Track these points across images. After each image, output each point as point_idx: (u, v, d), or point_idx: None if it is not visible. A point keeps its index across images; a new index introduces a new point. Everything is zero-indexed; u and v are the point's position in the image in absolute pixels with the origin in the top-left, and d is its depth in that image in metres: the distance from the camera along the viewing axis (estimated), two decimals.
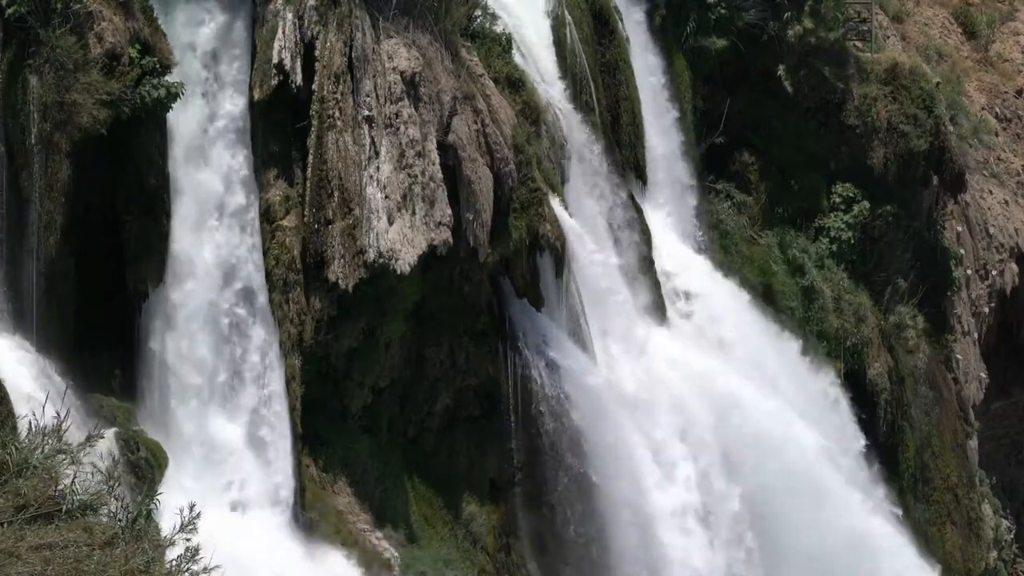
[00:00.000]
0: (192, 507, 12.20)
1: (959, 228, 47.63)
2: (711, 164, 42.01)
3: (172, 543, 12.02)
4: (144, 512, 12.59)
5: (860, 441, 40.49)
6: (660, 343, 36.55)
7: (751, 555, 35.58)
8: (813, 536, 36.74)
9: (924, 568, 40.15)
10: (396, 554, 29.69)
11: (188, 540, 12.05)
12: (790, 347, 40.32)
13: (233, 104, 28.11)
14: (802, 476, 37.06)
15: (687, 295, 38.65)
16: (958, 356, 46.79)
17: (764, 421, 36.78)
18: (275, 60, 28.18)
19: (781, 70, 42.78)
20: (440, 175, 29.45)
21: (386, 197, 28.73)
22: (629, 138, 38.27)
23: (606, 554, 33.01)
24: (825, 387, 40.63)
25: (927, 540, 43.06)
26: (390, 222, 28.68)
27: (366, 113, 28.89)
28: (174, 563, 11.98)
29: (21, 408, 22.42)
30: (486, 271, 31.66)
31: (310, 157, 28.61)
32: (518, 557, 32.51)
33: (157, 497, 14.02)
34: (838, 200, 43.22)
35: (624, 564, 33.18)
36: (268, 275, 28.35)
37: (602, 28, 37.93)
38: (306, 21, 28.70)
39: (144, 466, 25.06)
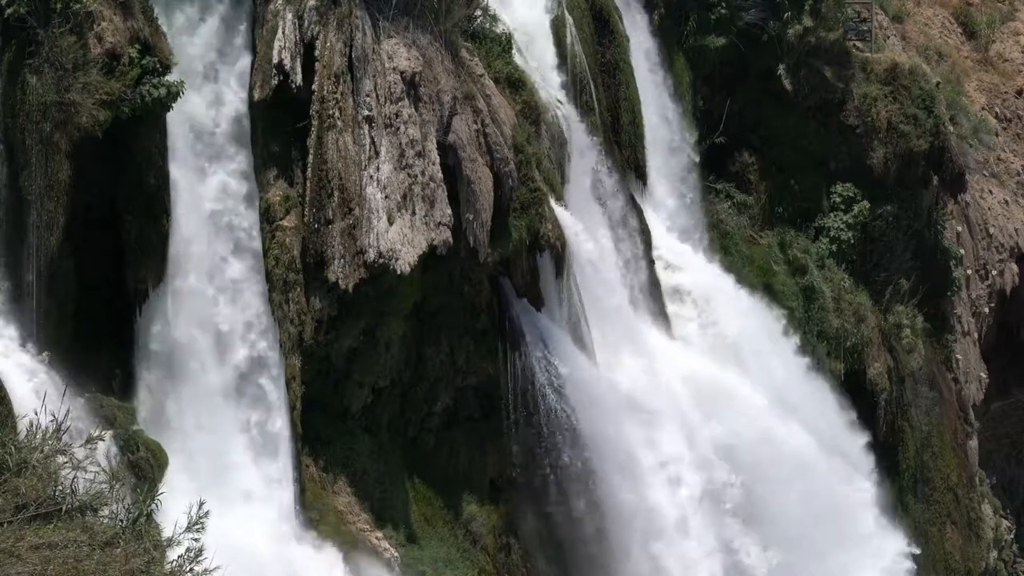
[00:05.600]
0: (201, 505, 12.12)
1: (959, 228, 47.64)
2: (711, 164, 42.01)
3: (178, 542, 11.96)
4: (145, 512, 12.56)
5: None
6: (660, 343, 36.56)
7: (752, 555, 35.58)
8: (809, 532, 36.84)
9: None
10: (396, 554, 29.67)
11: (196, 540, 11.98)
12: (790, 346, 40.33)
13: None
14: (798, 473, 37.13)
15: (687, 295, 38.64)
16: (958, 356, 46.80)
17: (764, 421, 36.80)
18: (275, 60, 28.16)
19: (781, 70, 42.79)
20: (440, 175, 29.43)
21: (386, 197, 28.71)
22: (629, 138, 38.26)
23: (607, 553, 33.00)
24: (819, 387, 40.67)
25: (927, 540, 43.06)
26: (390, 222, 28.66)
27: (366, 113, 28.87)
28: (175, 564, 11.95)
29: (21, 408, 22.39)
30: (486, 271, 31.63)
31: (310, 157, 28.59)
32: (518, 557, 32.49)
33: (159, 497, 13.97)
34: (838, 200, 43.23)
35: (625, 563, 33.17)
36: (268, 275, 28.33)
37: (602, 28, 37.92)
38: (306, 21, 28.67)
39: (144, 466, 25.02)
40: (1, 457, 12.55)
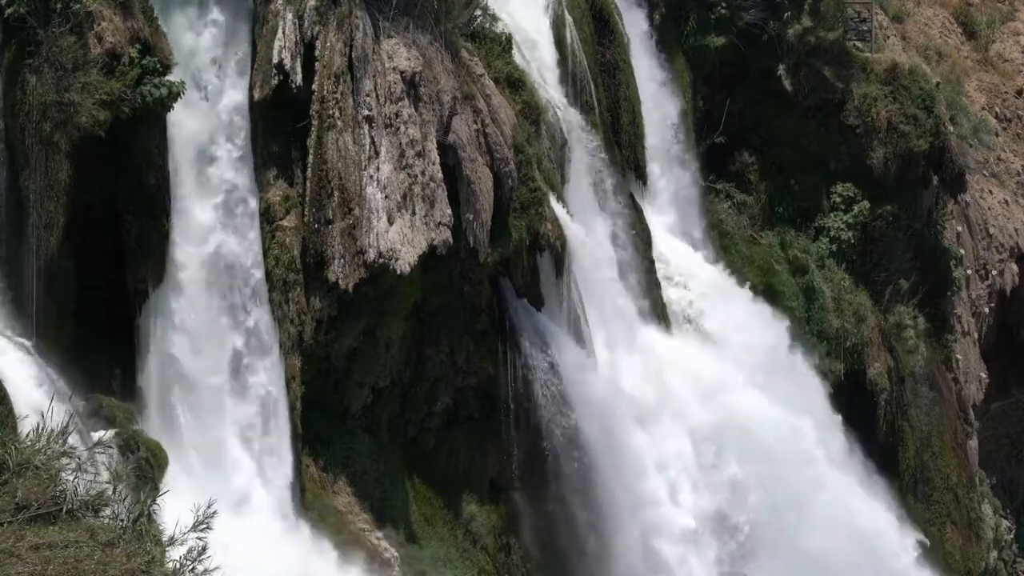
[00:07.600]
0: (210, 504, 12.10)
1: (959, 228, 47.64)
2: (711, 164, 42.02)
3: (183, 542, 11.94)
4: (146, 512, 12.55)
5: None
6: (660, 342, 36.54)
7: (753, 561, 35.56)
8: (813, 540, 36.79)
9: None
10: (396, 554, 29.66)
11: (201, 538, 11.96)
12: (786, 343, 40.31)
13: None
14: (796, 469, 37.11)
15: (687, 294, 38.63)
16: (958, 356, 46.80)
17: (764, 420, 36.77)
18: (275, 60, 28.15)
19: (781, 70, 42.79)
20: (440, 175, 29.43)
21: (386, 197, 28.71)
22: (629, 138, 38.26)
23: (606, 554, 32.99)
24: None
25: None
26: (390, 222, 28.66)
27: (366, 113, 28.87)
28: (176, 563, 11.94)
29: (21, 408, 22.39)
30: (486, 271, 31.63)
31: (310, 157, 28.59)
32: (518, 557, 32.49)
33: (160, 497, 13.97)
34: (838, 200, 43.23)
35: (624, 563, 33.16)
36: (268, 275, 28.33)
37: (602, 28, 37.93)
38: (306, 21, 28.67)
39: (144, 466, 25.02)
40: (1, 457, 12.54)
